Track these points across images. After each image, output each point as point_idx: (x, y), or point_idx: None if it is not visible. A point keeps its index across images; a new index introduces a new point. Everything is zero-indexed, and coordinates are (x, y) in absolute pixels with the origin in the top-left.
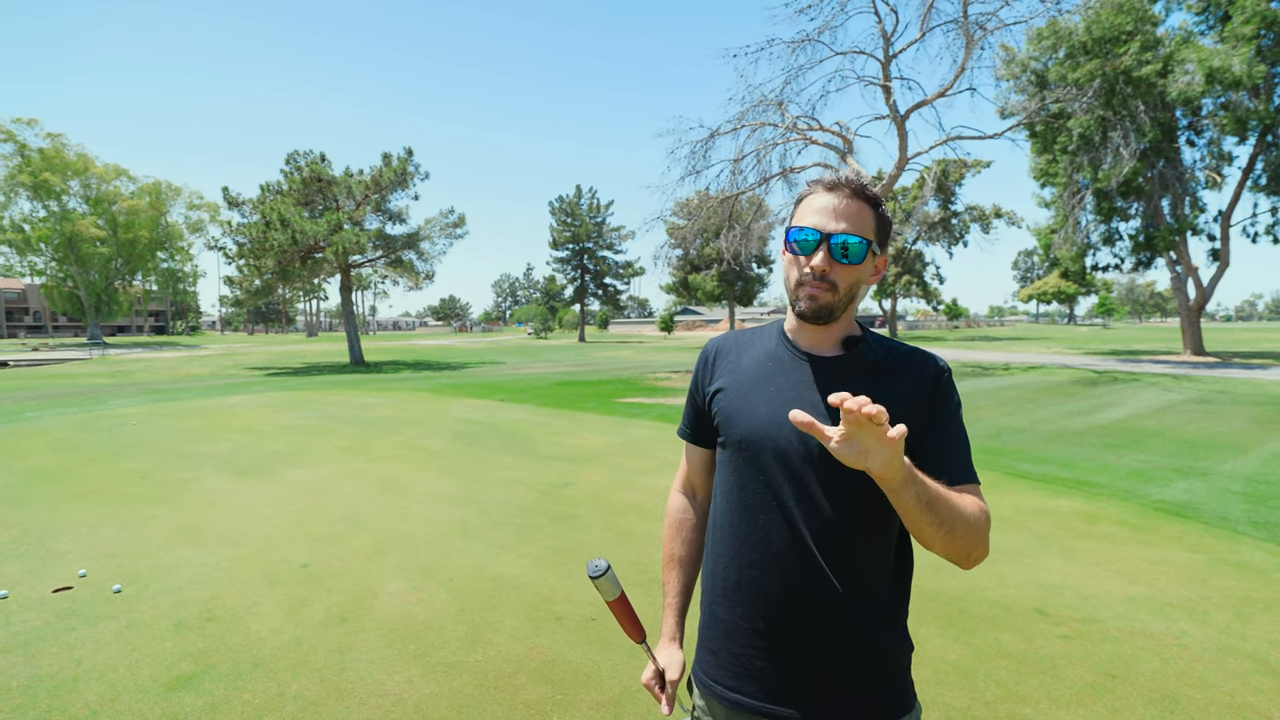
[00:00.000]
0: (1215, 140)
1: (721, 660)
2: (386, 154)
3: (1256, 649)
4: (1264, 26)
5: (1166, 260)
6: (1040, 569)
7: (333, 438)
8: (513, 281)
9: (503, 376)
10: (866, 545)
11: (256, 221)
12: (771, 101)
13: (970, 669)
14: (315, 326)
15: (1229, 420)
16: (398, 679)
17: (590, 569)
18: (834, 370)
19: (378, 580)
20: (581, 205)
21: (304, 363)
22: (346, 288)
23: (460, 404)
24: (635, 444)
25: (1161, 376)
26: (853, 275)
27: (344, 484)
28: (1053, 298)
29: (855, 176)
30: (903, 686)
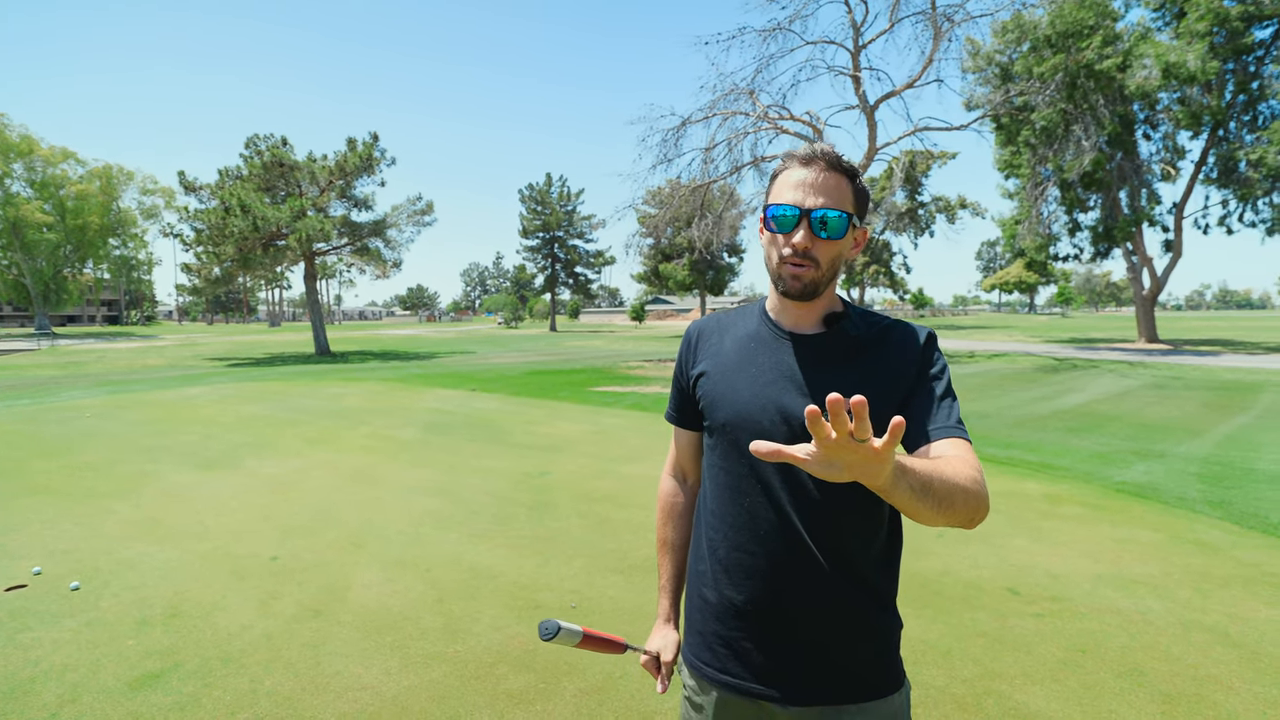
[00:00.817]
0: (1170, 134)
1: (709, 642)
2: (351, 139)
3: (1216, 622)
4: (1217, 24)
5: (1123, 250)
6: (1011, 549)
7: (300, 429)
8: (482, 270)
9: (474, 366)
10: (856, 524)
11: (215, 207)
12: (743, 90)
13: (947, 648)
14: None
15: (1182, 405)
16: (375, 671)
17: (541, 633)
18: (816, 348)
19: (351, 572)
20: (552, 193)
21: (267, 353)
22: (311, 276)
23: (431, 394)
24: (610, 432)
25: (1118, 363)
26: (834, 250)
27: (313, 476)
28: (1014, 287)
29: (831, 148)
30: (892, 664)
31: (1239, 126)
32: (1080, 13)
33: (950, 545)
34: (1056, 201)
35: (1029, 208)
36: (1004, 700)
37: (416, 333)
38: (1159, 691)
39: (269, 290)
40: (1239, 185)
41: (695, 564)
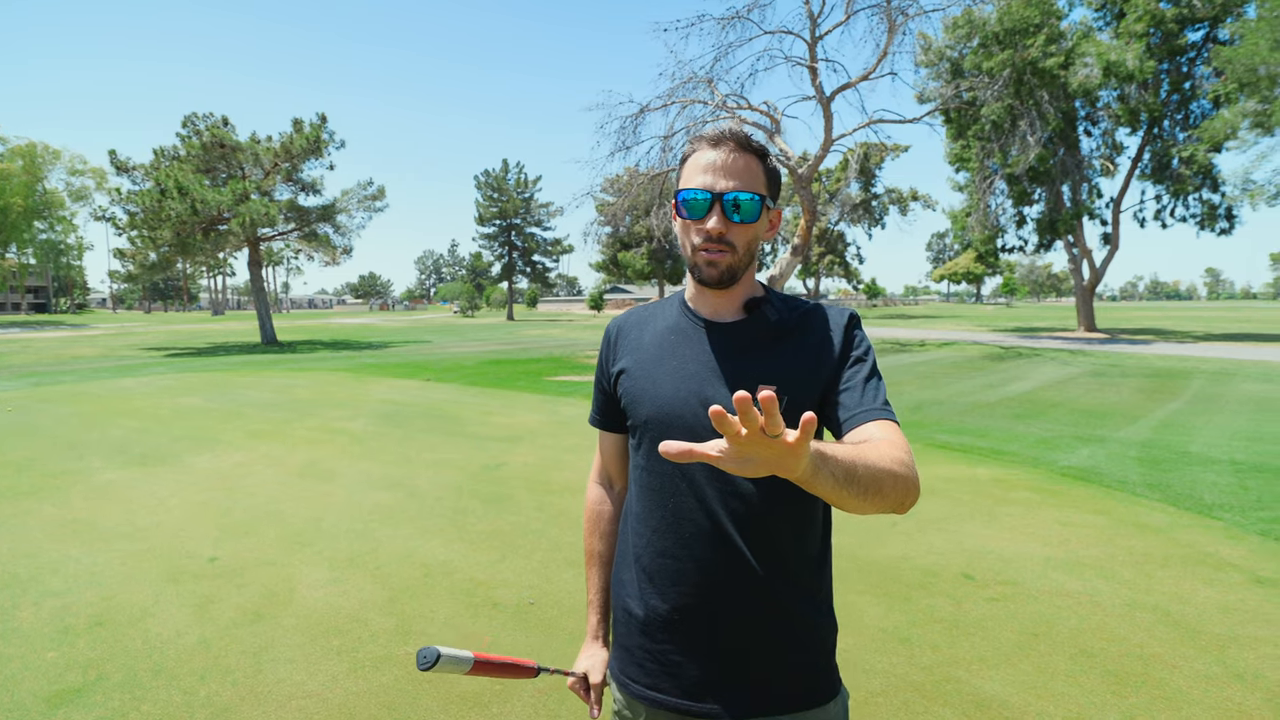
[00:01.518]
0: (1110, 131)
1: (637, 657)
2: (297, 120)
3: (1159, 602)
4: (1153, 25)
5: (1065, 243)
6: (965, 535)
7: (243, 421)
8: (437, 258)
9: (429, 355)
10: (789, 522)
11: (150, 189)
12: (701, 79)
13: (906, 634)
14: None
15: (1120, 391)
16: (320, 678)
17: (419, 663)
18: (737, 336)
19: (296, 572)
20: (509, 180)
21: (209, 342)
22: (256, 263)
23: (384, 384)
24: (568, 423)
25: (1060, 351)
26: (750, 233)
27: (257, 470)
28: (963, 278)
29: (739, 128)
30: (829, 670)
31: (1173, 125)
32: (1026, 10)
33: (907, 532)
34: (1004, 195)
35: (977, 200)
36: (962, 686)
37: (369, 321)
38: (1108, 672)
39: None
40: (1172, 181)
41: (620, 573)
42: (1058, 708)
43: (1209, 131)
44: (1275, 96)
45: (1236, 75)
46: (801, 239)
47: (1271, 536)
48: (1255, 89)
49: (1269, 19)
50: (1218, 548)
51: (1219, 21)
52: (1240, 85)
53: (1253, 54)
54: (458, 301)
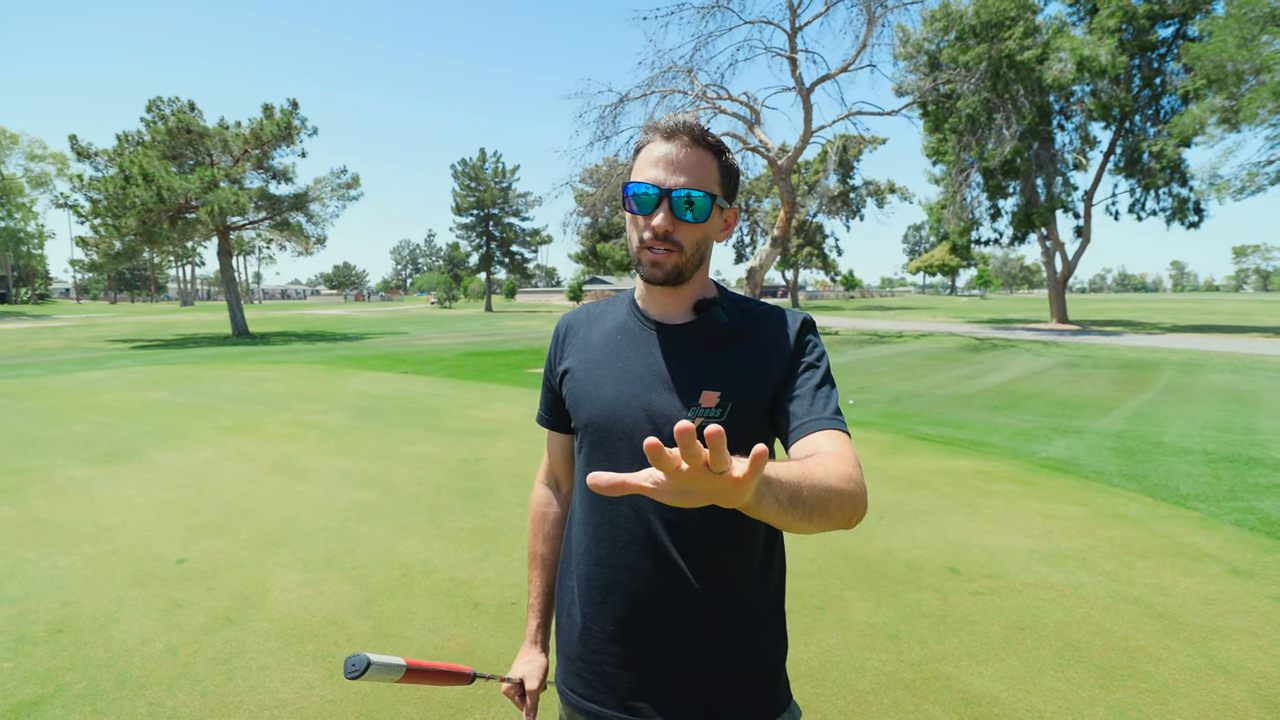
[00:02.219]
0: (1082, 125)
1: (576, 667)
2: (268, 105)
3: (1141, 594)
4: (1125, 20)
5: (1039, 235)
6: (948, 528)
7: (214, 416)
8: (413, 248)
9: (406, 347)
10: (728, 533)
11: (113, 176)
12: (681, 69)
13: (894, 631)
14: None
15: (1093, 382)
16: (295, 685)
17: (347, 671)
18: (684, 338)
19: (269, 574)
20: (486, 169)
21: (178, 334)
22: (226, 252)
23: (360, 377)
24: None
25: (1034, 343)
26: (699, 233)
27: (227, 468)
28: (938, 270)
29: (695, 120)
30: (775, 685)
31: (1143, 120)
32: (1003, 4)
33: (891, 526)
34: (979, 188)
35: (954, 193)
36: (952, 683)
37: (344, 312)
38: (1095, 665)
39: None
40: (1143, 176)
41: (563, 579)
42: (1047, 703)
43: (1178, 127)
44: (1242, 93)
45: (1205, 71)
46: (781, 230)
47: (1245, 526)
48: (1223, 85)
49: (1237, 16)
50: (1195, 538)
51: (1189, 18)
52: (1209, 81)
53: (1221, 51)
54: (435, 292)
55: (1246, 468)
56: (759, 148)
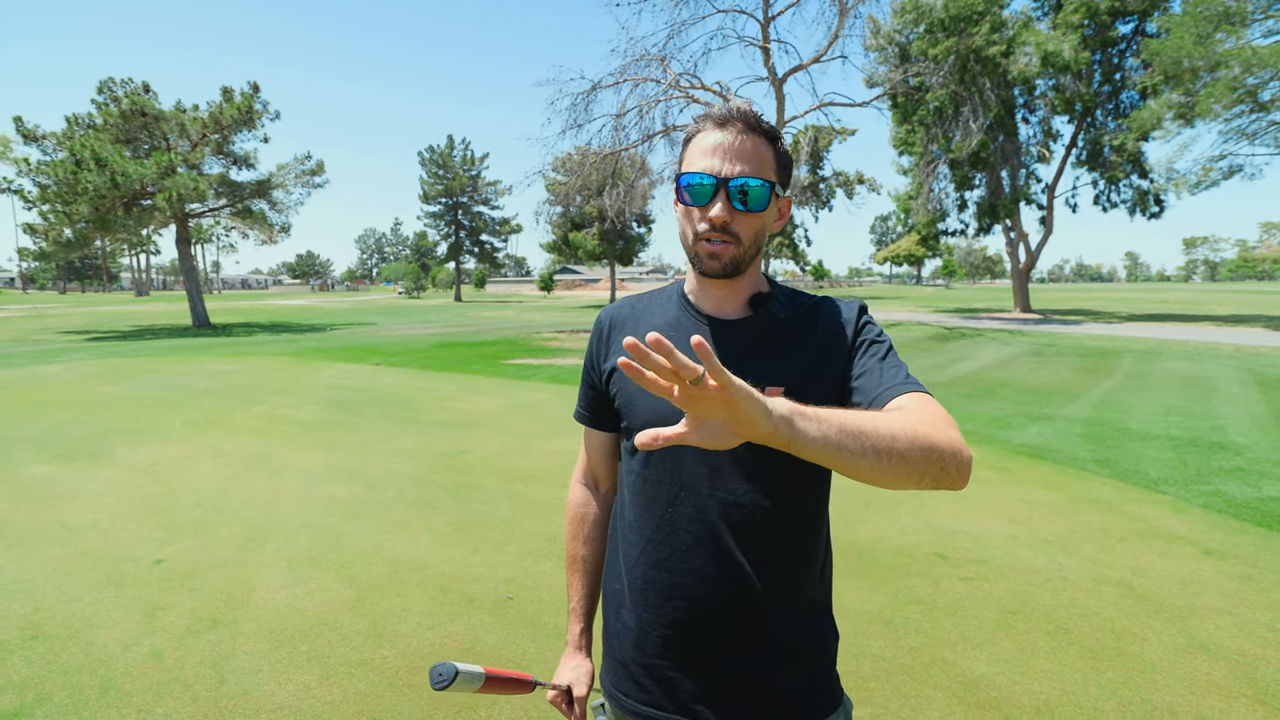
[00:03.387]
0: (1046, 119)
1: (630, 671)
2: (227, 88)
3: (1122, 576)
4: (1088, 16)
5: (1003, 227)
6: (933, 515)
7: (180, 411)
8: (379, 237)
9: (376, 338)
10: (791, 532)
11: (63, 160)
12: (654, 57)
13: (889, 617)
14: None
15: (1059, 370)
16: (291, 687)
17: (433, 681)
18: (742, 335)
19: (253, 573)
20: (454, 157)
21: (134, 325)
22: (185, 240)
23: (330, 369)
24: (529, 407)
25: (1000, 332)
26: (757, 223)
27: (200, 464)
28: (904, 260)
29: (748, 106)
30: (830, 682)
31: (1104, 114)
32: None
33: (879, 513)
34: (946, 179)
35: (921, 184)
36: (950, 667)
37: (309, 303)
38: (1084, 647)
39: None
40: (1104, 169)
41: (610, 582)
42: (1042, 685)
43: (1137, 122)
44: (1197, 89)
45: (1163, 67)
46: None
47: (1213, 509)
48: (1179, 82)
49: (1193, 14)
50: (1167, 521)
51: (1148, 15)
52: (1166, 77)
53: (1178, 48)
54: (402, 282)
55: (1210, 452)
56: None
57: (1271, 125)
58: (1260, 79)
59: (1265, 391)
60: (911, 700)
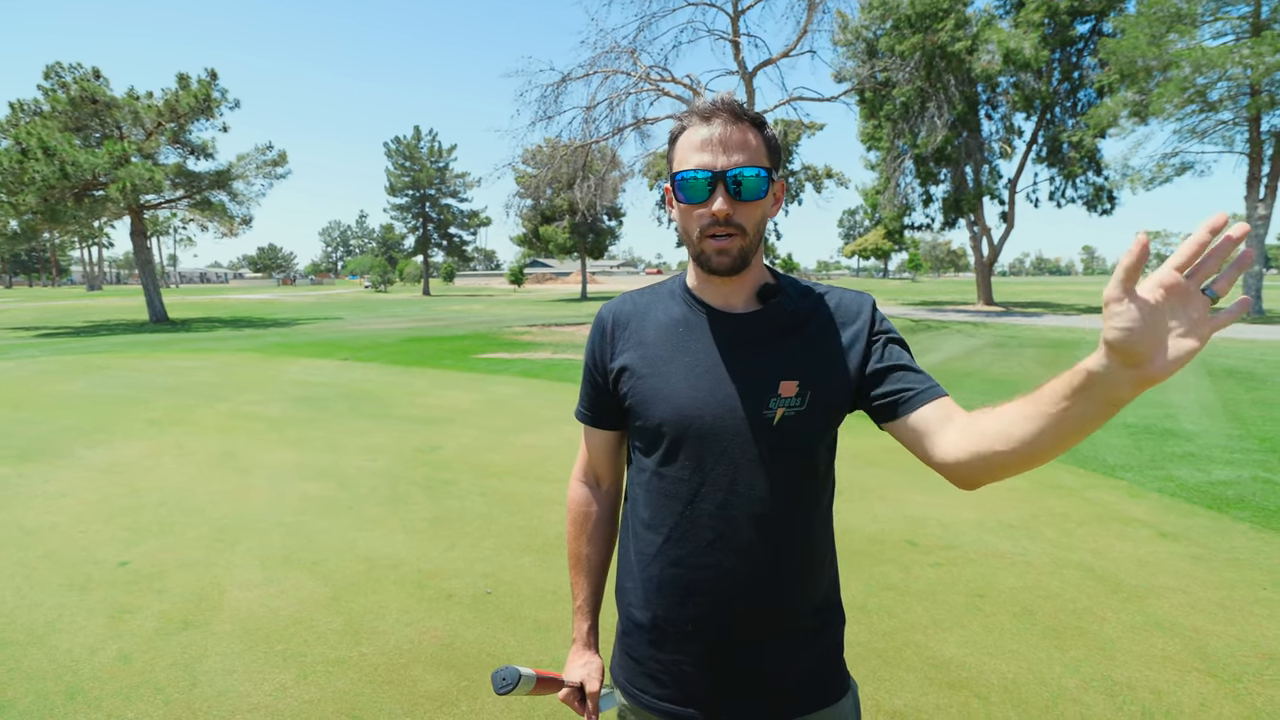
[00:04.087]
0: (1008, 115)
1: (648, 668)
2: (183, 75)
3: (1082, 559)
4: (1048, 15)
5: (967, 221)
6: (904, 503)
7: (141, 408)
8: (344, 230)
9: (343, 333)
10: (807, 525)
11: (8, 148)
12: (624, 49)
13: (863, 603)
14: (97, 279)
15: (1021, 361)
16: (267, 687)
17: (497, 686)
18: (754, 328)
19: (224, 573)
20: (421, 148)
21: (88, 321)
22: (140, 233)
23: (297, 365)
24: (502, 402)
25: (965, 324)
26: (758, 212)
27: (163, 463)
28: (871, 253)
29: (730, 97)
30: (838, 666)
31: (1063, 111)
32: None
33: (851, 502)
34: (912, 174)
35: (888, 179)
36: (922, 650)
37: (272, 297)
38: (1048, 627)
39: (84, 248)
40: (1063, 165)
41: (622, 579)
42: (1009, 665)
43: (1094, 119)
44: (1151, 88)
45: (1118, 67)
46: None
47: (1167, 493)
48: (1134, 80)
49: (1147, 15)
50: (1124, 505)
51: (1104, 15)
52: (1121, 76)
53: (1132, 47)
54: (369, 276)
55: (1163, 439)
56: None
57: (1220, 124)
58: (1209, 79)
59: (1214, 381)
60: (886, 683)
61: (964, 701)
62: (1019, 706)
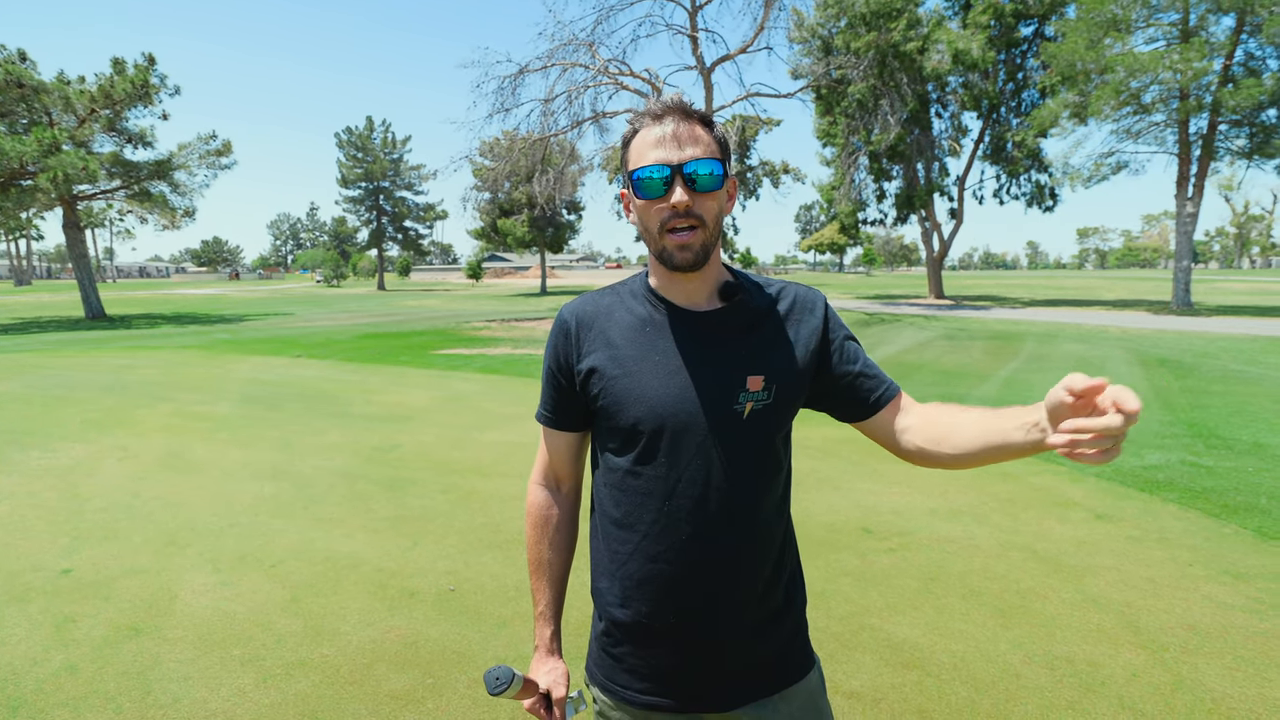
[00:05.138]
0: (956, 114)
1: (627, 665)
2: (118, 59)
3: (1026, 541)
4: (994, 17)
5: (918, 217)
6: (859, 492)
7: (79, 409)
8: (294, 222)
9: (295, 330)
10: (776, 510)
11: None
12: (582, 42)
13: (821, 589)
14: (25, 273)
15: (970, 353)
16: (225, 692)
17: (490, 686)
18: (719, 325)
19: (175, 578)
20: (374, 139)
21: (17, 317)
22: (74, 225)
23: (246, 362)
24: (462, 399)
25: (917, 317)
26: (717, 204)
27: (105, 466)
28: (827, 248)
29: (679, 96)
30: (804, 641)
31: (1008, 111)
32: None
33: (808, 492)
34: (866, 170)
35: (843, 175)
36: (876, 633)
37: (218, 292)
38: (994, 607)
39: (11, 241)
40: (1007, 163)
41: (597, 580)
42: (958, 643)
43: (1037, 119)
44: (1089, 91)
45: (1059, 69)
46: None
47: (1104, 478)
48: (1074, 83)
49: (1085, 19)
50: (1065, 490)
51: (1046, 18)
52: (1062, 79)
53: (1072, 51)
54: (320, 270)
55: None
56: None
57: (1152, 126)
58: (1142, 83)
59: (1147, 370)
60: (843, 665)
61: (917, 680)
62: (968, 683)
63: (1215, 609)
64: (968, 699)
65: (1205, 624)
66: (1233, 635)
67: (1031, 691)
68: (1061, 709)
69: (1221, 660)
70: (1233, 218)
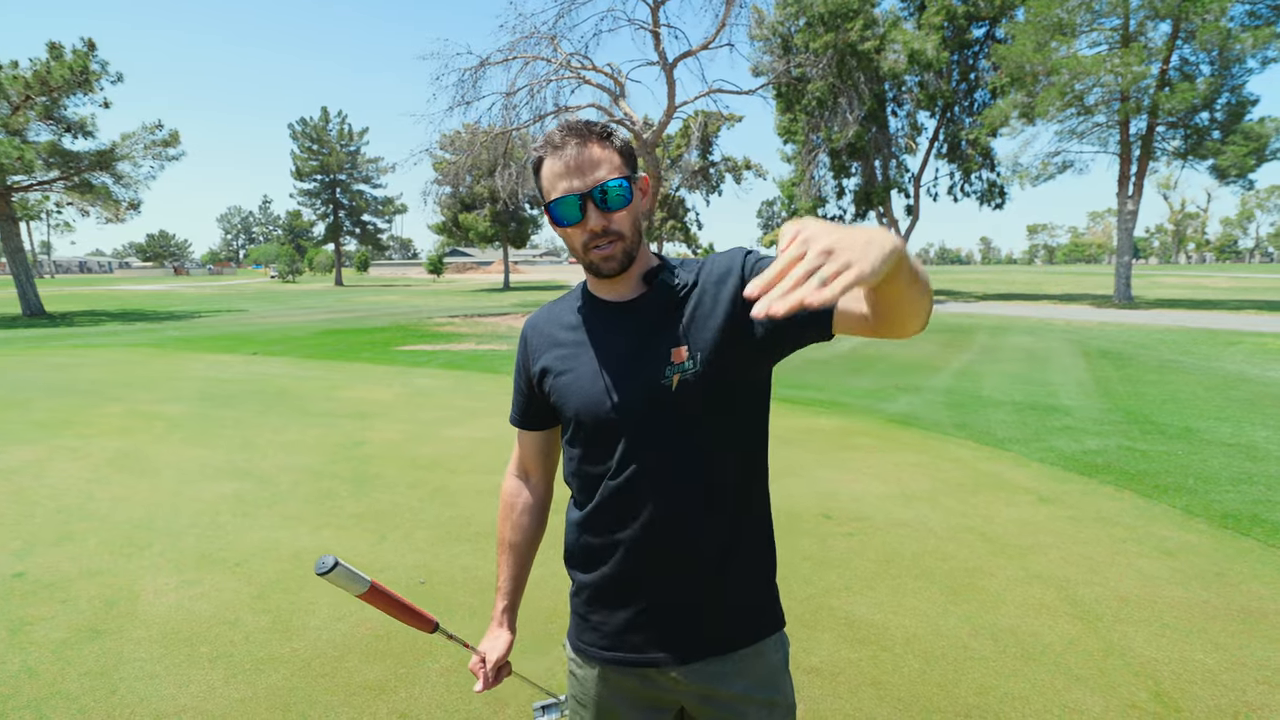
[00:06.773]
0: (912, 113)
1: (591, 623)
2: (55, 44)
3: (975, 524)
4: (948, 19)
5: (877, 213)
6: (818, 479)
7: (23, 410)
8: (246, 216)
9: (250, 326)
10: (735, 473)
11: None
12: (544, 35)
13: (782, 574)
14: None
15: (924, 346)
16: (194, 689)
17: (318, 567)
18: (645, 310)
19: (135, 578)
20: (330, 131)
21: None
22: (9, 218)
23: (200, 360)
24: (427, 394)
25: None
26: (630, 216)
27: (56, 467)
28: None
29: (575, 120)
30: (771, 600)
31: (962, 110)
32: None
33: (770, 479)
34: (826, 167)
35: (803, 171)
36: (835, 613)
37: (165, 288)
38: (945, 586)
39: None
40: (961, 161)
41: (567, 549)
42: (911, 620)
43: (988, 119)
44: (1037, 92)
45: (1009, 70)
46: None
47: (1048, 462)
48: (1023, 84)
49: (1033, 23)
50: (1012, 474)
51: (997, 21)
52: (1012, 80)
53: (1020, 53)
54: (275, 265)
55: (1045, 414)
56: (624, 120)
57: (1096, 126)
58: (1085, 85)
59: (1089, 361)
60: (804, 643)
61: (873, 655)
62: (920, 656)
63: (1144, 581)
64: (919, 670)
65: (1135, 595)
66: (1159, 604)
67: (978, 661)
68: (1005, 676)
69: (1149, 627)
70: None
